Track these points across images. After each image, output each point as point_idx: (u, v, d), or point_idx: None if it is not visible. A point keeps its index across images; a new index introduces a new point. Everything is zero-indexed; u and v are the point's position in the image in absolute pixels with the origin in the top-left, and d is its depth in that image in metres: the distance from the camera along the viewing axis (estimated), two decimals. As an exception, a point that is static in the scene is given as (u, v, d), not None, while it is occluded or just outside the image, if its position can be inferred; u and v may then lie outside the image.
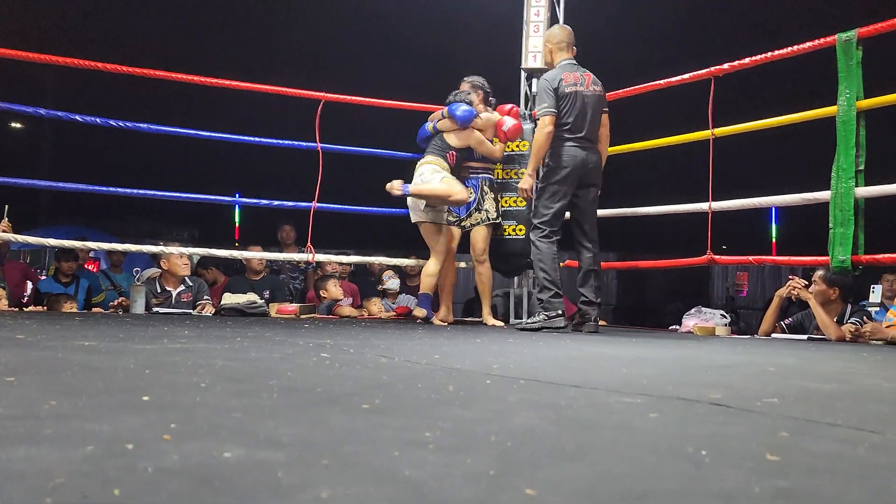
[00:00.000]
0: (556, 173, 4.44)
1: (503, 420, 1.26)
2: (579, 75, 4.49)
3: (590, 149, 4.47)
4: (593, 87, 4.52)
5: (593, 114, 4.48)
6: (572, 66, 4.55)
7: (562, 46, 4.61)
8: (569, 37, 4.64)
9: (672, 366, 2.43)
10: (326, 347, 2.57)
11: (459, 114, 4.87)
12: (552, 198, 4.44)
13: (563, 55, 4.59)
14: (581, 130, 4.43)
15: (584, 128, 4.43)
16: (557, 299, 4.37)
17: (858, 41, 4.02)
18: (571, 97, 4.42)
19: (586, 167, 4.44)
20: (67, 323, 3.48)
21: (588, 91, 4.47)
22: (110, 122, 5.12)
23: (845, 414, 1.42)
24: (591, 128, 4.48)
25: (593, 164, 4.48)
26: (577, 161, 4.41)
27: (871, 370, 2.49)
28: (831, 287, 4.61)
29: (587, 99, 4.46)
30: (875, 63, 4.10)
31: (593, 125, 4.49)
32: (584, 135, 4.44)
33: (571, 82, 4.45)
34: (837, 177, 4.03)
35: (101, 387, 1.47)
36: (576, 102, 4.42)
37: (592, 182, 4.52)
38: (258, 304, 5.13)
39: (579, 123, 4.42)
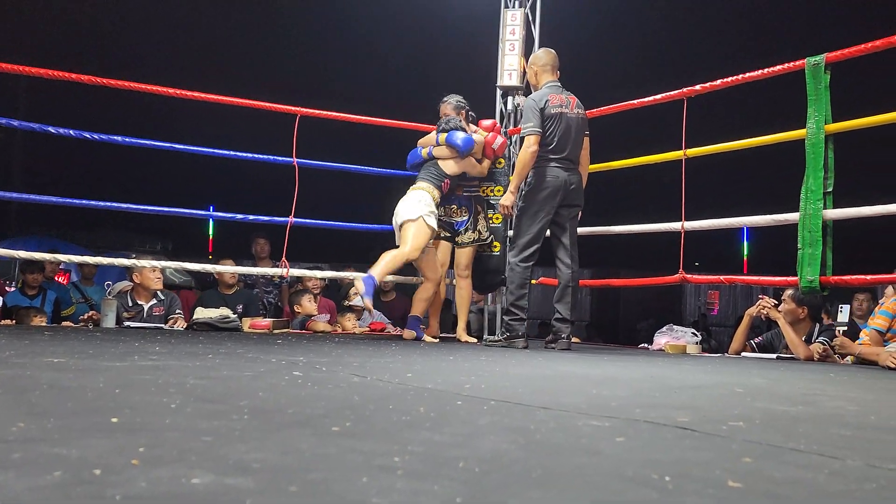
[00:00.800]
0: (539, 193, 4.51)
1: (472, 444, 1.27)
2: (564, 98, 4.58)
3: (571, 170, 4.56)
4: (577, 110, 4.62)
5: (576, 136, 4.59)
6: (557, 88, 4.63)
7: (546, 69, 4.68)
8: (553, 60, 4.71)
9: (642, 386, 2.46)
10: (299, 365, 2.57)
11: (461, 144, 4.94)
12: (534, 217, 4.51)
13: (547, 77, 4.66)
14: (564, 151, 4.52)
15: (567, 149, 4.52)
16: (519, 324, 4.52)
17: (827, 65, 4.09)
18: (556, 118, 4.50)
19: (568, 188, 4.52)
20: (36, 338, 3.45)
21: (572, 114, 4.57)
22: (84, 135, 5.08)
23: (808, 439, 1.45)
24: (574, 150, 4.57)
25: (575, 184, 4.57)
26: (559, 182, 4.49)
27: (837, 391, 2.53)
28: (800, 306, 4.68)
29: (571, 121, 4.55)
30: (844, 87, 4.18)
31: (576, 147, 4.59)
32: (567, 156, 4.53)
33: (557, 104, 4.53)
34: (806, 198, 4.09)
35: (70, 407, 1.47)
36: (560, 124, 4.51)
37: (574, 202, 4.61)
38: (231, 319, 5.10)
39: (563, 145, 4.51)
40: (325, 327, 5.70)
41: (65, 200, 5.20)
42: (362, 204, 5.61)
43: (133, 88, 5.25)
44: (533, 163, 4.49)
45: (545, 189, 4.50)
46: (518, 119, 6.03)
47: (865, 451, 1.37)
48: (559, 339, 4.51)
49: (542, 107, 4.49)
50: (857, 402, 2.20)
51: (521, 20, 5.95)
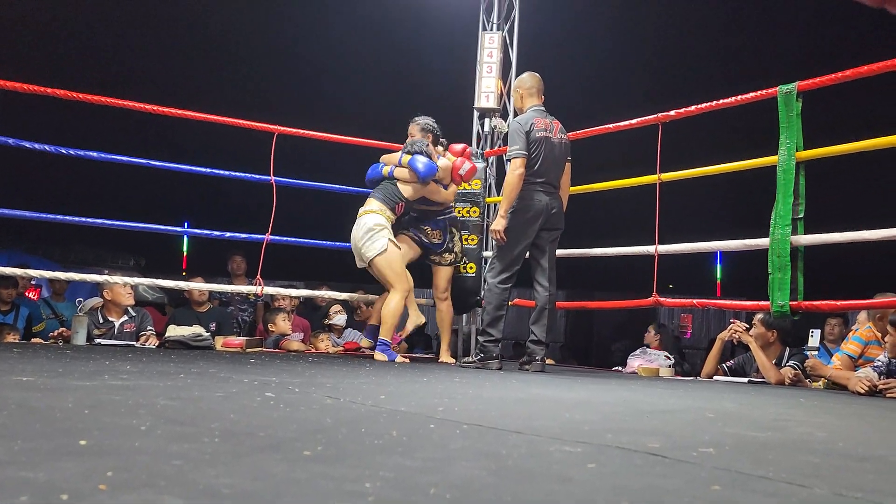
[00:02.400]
0: (521, 216, 4.53)
1: (444, 470, 1.27)
2: (549, 122, 4.62)
3: (553, 194, 4.59)
4: (560, 135, 4.65)
5: (559, 160, 4.63)
6: (542, 112, 4.66)
7: (532, 92, 4.71)
8: (539, 84, 4.74)
9: (614, 410, 2.47)
10: (271, 386, 2.55)
11: (422, 170, 4.88)
12: (515, 240, 4.53)
13: (532, 101, 4.70)
14: (546, 176, 4.55)
15: (549, 173, 4.57)
16: (494, 345, 4.54)
17: (798, 93, 4.16)
18: (541, 142, 4.53)
19: (549, 212, 4.55)
20: (5, 355, 3.40)
21: (556, 138, 4.61)
22: (61, 150, 5.05)
23: (776, 466, 1.46)
24: (556, 174, 4.62)
25: (556, 208, 4.60)
26: (541, 205, 4.52)
27: (806, 417, 2.56)
28: (770, 330, 4.73)
29: (555, 146, 4.59)
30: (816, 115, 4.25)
31: (558, 171, 4.63)
32: (549, 180, 4.57)
33: (542, 128, 4.56)
34: (775, 223, 4.14)
35: (38, 429, 1.45)
36: (544, 148, 4.53)
37: (555, 226, 4.64)
38: (204, 337, 5.06)
39: (546, 169, 4.54)
40: (299, 346, 5.67)
41: (36, 215, 5.16)
42: (338, 222, 5.60)
43: (109, 104, 5.22)
44: (520, 185, 4.50)
45: (528, 212, 4.52)
46: (495, 141, 6.07)
47: (833, 479, 1.39)
48: (533, 361, 4.52)
49: (528, 130, 4.51)
50: (826, 428, 2.23)
51: (498, 43, 6.00)
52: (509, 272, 4.56)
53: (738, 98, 4.51)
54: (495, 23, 6.15)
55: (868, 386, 3.69)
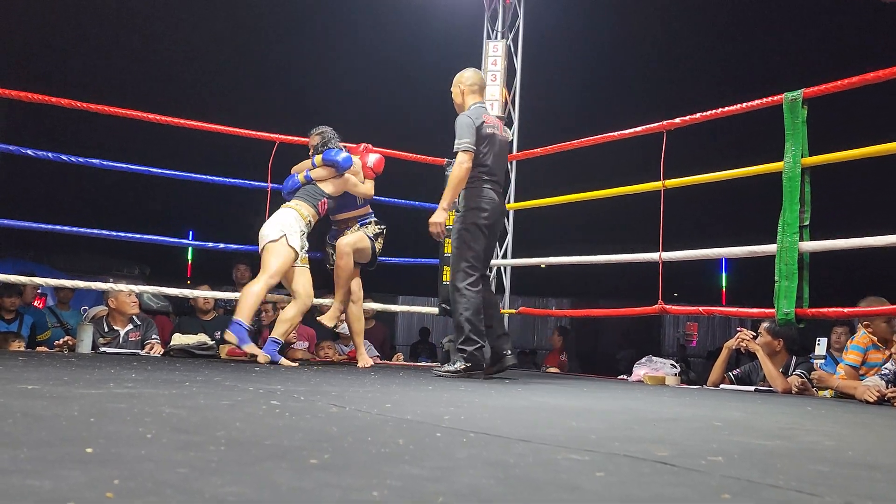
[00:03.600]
0: (479, 214, 4.30)
1: (451, 479, 1.26)
2: (493, 119, 4.48)
3: (501, 194, 4.45)
4: (504, 133, 4.53)
5: (505, 158, 4.54)
6: (485, 109, 4.52)
7: (474, 89, 4.52)
8: (481, 80, 4.60)
9: (620, 419, 2.46)
10: (277, 394, 2.55)
11: (341, 160, 4.92)
12: (477, 240, 4.30)
13: (475, 98, 4.51)
14: (497, 174, 4.40)
15: (499, 171, 4.42)
16: (481, 352, 4.23)
17: (804, 101, 4.15)
18: (490, 139, 4.34)
19: (501, 209, 4.43)
20: (10, 363, 3.40)
21: (501, 136, 4.46)
22: (62, 158, 5.06)
23: (786, 475, 1.45)
24: (503, 172, 4.52)
25: (504, 207, 4.53)
26: (495, 204, 4.35)
27: (814, 426, 2.54)
28: (776, 338, 4.71)
29: (501, 144, 4.44)
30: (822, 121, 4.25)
31: (504, 169, 4.56)
32: (499, 179, 4.41)
33: (491, 124, 4.40)
34: (783, 231, 4.13)
35: (44, 437, 1.44)
36: (494, 145, 4.36)
37: (501, 224, 4.56)
38: (208, 346, 5.07)
39: (496, 167, 4.38)
40: (304, 355, 5.67)
41: (42, 226, 5.17)
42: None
43: (113, 113, 5.23)
44: (466, 179, 4.29)
45: (486, 210, 4.30)
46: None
47: (843, 487, 1.37)
48: (505, 356, 4.30)
49: (478, 125, 4.30)
50: (834, 437, 2.21)
51: (502, 51, 6.01)
52: (477, 271, 4.29)
53: (743, 105, 4.50)
54: (500, 31, 6.16)
55: (876, 394, 3.67)
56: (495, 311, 4.45)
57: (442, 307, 5.57)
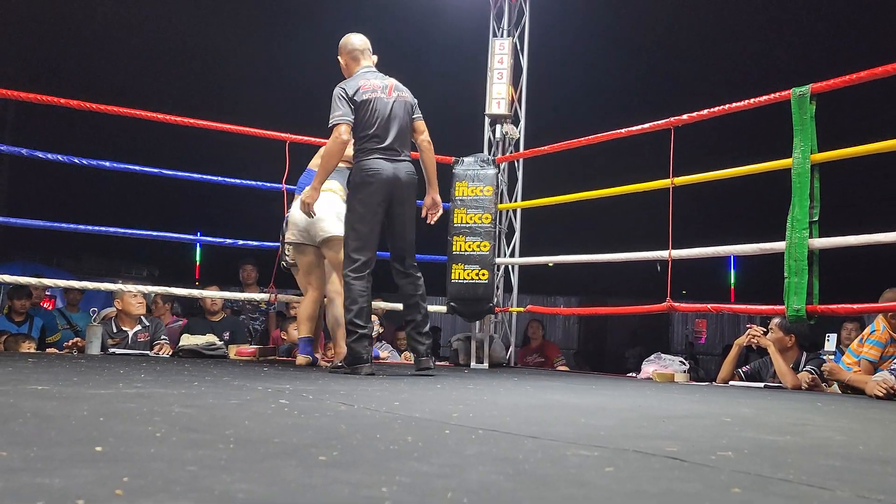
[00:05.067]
0: (362, 190, 4.00)
1: (460, 475, 1.26)
2: (379, 83, 4.11)
3: (399, 160, 4.05)
4: (397, 93, 4.13)
5: (401, 122, 4.08)
6: (372, 73, 4.18)
7: (356, 55, 4.23)
8: (364, 44, 4.26)
9: (630, 415, 2.45)
10: (285, 393, 2.55)
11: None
12: (362, 220, 3.99)
13: (359, 64, 4.22)
14: (385, 140, 4.02)
15: (388, 137, 4.03)
16: (359, 344, 3.89)
17: (812, 96, 4.13)
18: (369, 104, 4.02)
19: (397, 181, 4.01)
20: (20, 365, 3.41)
21: (390, 98, 4.08)
22: (74, 160, 5.08)
23: (796, 469, 1.44)
24: (400, 137, 4.07)
25: (405, 175, 4.05)
26: (384, 175, 3.98)
27: (824, 421, 2.53)
28: (787, 335, 4.69)
29: (390, 106, 4.07)
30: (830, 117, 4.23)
31: (401, 134, 4.08)
32: (390, 144, 4.03)
33: (369, 89, 4.06)
34: (792, 227, 4.11)
35: (54, 436, 1.45)
36: (376, 110, 4.03)
37: (406, 197, 4.07)
38: (217, 346, 5.08)
39: (382, 133, 4.02)
40: (313, 354, 5.66)
41: (50, 224, 5.20)
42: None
43: (121, 113, 5.25)
44: (341, 154, 4.03)
45: (369, 185, 3.97)
46: (506, 147, 6.06)
47: (854, 481, 1.37)
48: (420, 360, 4.02)
49: (352, 95, 4.00)
50: (845, 432, 2.20)
51: (509, 49, 6.00)
52: (362, 257, 3.94)
53: (750, 101, 4.48)
54: (506, 29, 6.15)
55: (886, 389, 3.65)
56: (413, 307, 4.09)
57: (450, 305, 5.56)
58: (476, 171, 5.60)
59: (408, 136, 4.15)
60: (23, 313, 5.87)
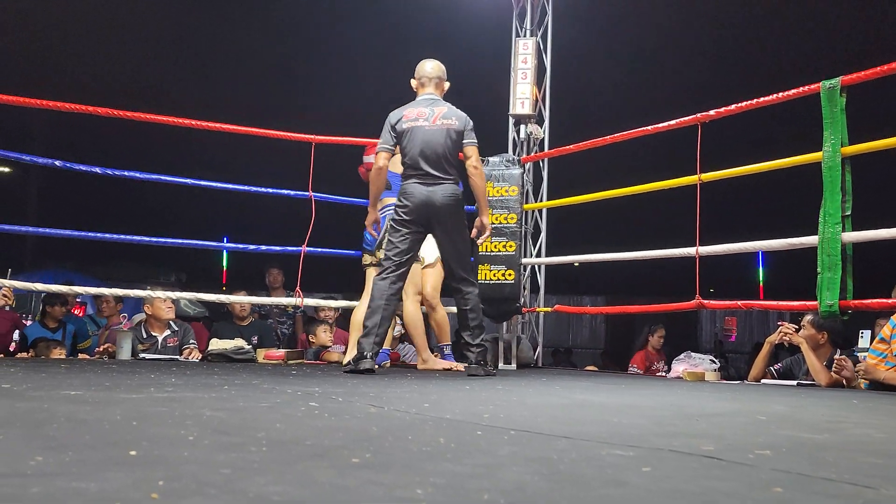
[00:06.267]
0: (398, 212, 4.29)
1: (495, 475, 1.24)
2: (426, 111, 4.33)
3: (437, 184, 4.24)
4: (442, 120, 4.30)
5: (441, 149, 4.26)
6: (425, 101, 4.40)
7: (423, 82, 4.47)
8: (433, 71, 4.47)
9: (662, 414, 2.42)
10: (315, 396, 2.55)
11: None
12: (395, 235, 4.26)
13: (424, 90, 4.46)
14: (422, 166, 4.24)
15: (425, 163, 4.24)
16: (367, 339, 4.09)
17: (842, 88, 4.07)
18: (409, 133, 4.27)
19: (431, 204, 4.22)
20: (53, 370, 3.44)
21: (433, 126, 4.29)
22: (108, 172, 5.16)
23: (838, 467, 1.41)
24: (438, 163, 4.25)
25: (441, 198, 4.23)
26: (417, 198, 4.22)
27: (861, 418, 2.49)
28: (820, 331, 4.63)
29: (430, 134, 4.27)
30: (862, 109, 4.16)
31: (440, 160, 4.26)
32: (427, 170, 4.24)
33: (413, 117, 4.30)
34: (824, 222, 4.05)
35: (88, 440, 1.45)
36: (415, 137, 4.26)
37: (444, 218, 4.26)
38: (245, 350, 5.09)
39: (420, 159, 4.25)
40: (341, 357, 5.67)
41: (80, 234, 5.26)
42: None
43: (148, 120, 5.30)
44: (379, 179, 4.34)
45: (404, 206, 4.25)
46: (531, 147, 6.04)
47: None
48: (469, 366, 4.22)
49: (394, 124, 4.31)
50: (884, 429, 2.16)
51: (532, 49, 5.98)
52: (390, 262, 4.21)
53: (779, 95, 4.42)
54: (529, 29, 6.13)
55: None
56: (462, 319, 4.29)
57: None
58: (501, 171, 5.59)
59: (451, 162, 4.33)
60: (58, 320, 5.94)
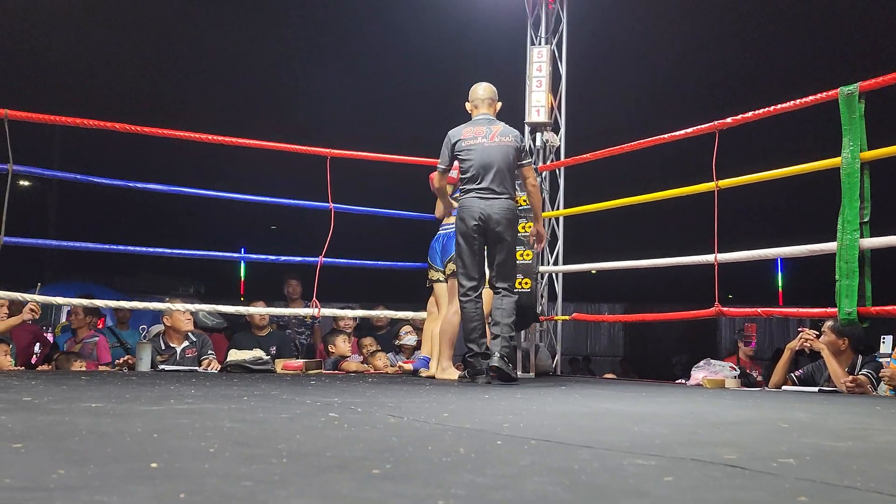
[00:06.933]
0: (458, 225, 4.53)
1: (516, 486, 1.24)
2: (485, 129, 4.57)
3: (492, 199, 4.46)
4: (500, 138, 4.55)
5: (499, 165, 4.49)
6: (482, 120, 4.63)
7: (476, 104, 4.70)
8: (485, 93, 4.69)
9: (684, 422, 2.41)
10: (334, 406, 2.55)
11: None
12: (460, 250, 4.51)
13: (478, 111, 4.69)
14: (481, 181, 4.48)
15: (484, 178, 4.47)
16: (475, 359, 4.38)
17: (860, 94, 4.05)
18: (468, 151, 4.53)
19: (489, 217, 4.44)
20: (74, 383, 3.46)
21: (491, 143, 4.53)
22: (128, 185, 5.22)
23: (863, 476, 1.40)
24: (497, 178, 4.48)
25: (498, 212, 4.45)
26: (475, 211, 4.44)
27: (886, 426, 2.46)
28: (841, 338, 4.58)
29: (489, 150, 4.51)
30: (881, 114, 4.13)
31: (499, 175, 4.49)
32: (486, 185, 4.47)
33: (472, 136, 4.56)
34: (843, 228, 4.02)
35: (110, 453, 1.46)
36: (476, 154, 4.51)
37: (501, 231, 4.46)
38: (264, 360, 5.11)
39: (480, 175, 4.48)
40: (359, 367, 5.68)
41: (100, 246, 5.31)
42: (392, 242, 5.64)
43: (165, 135, 5.34)
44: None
45: (462, 220, 4.49)
46: (547, 155, 6.04)
47: (924, 488, 1.32)
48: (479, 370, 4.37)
49: (453, 143, 4.57)
50: (909, 437, 2.14)
51: (547, 57, 5.98)
52: (466, 284, 4.47)
53: (797, 102, 4.39)
54: (543, 37, 6.13)
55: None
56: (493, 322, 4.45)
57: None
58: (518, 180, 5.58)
59: (507, 177, 4.54)
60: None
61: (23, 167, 4.83)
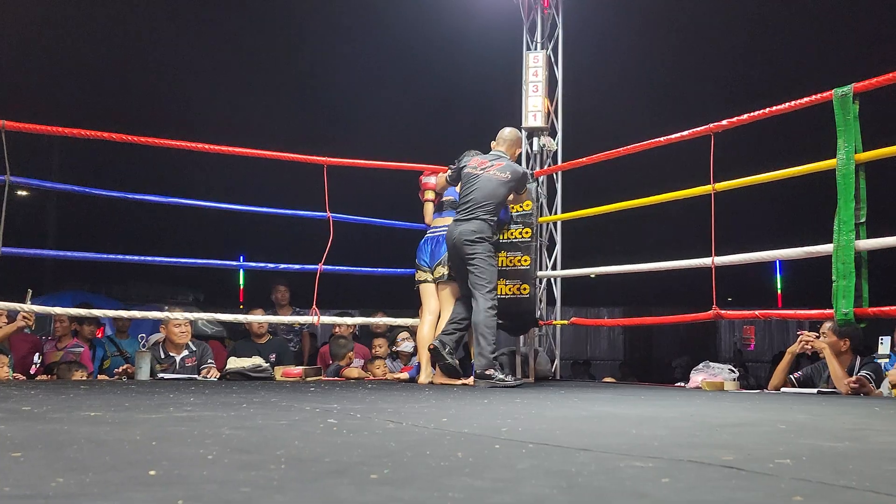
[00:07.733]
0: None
1: (514, 489, 1.24)
2: (488, 162, 4.97)
3: (465, 221, 4.85)
4: (497, 172, 4.92)
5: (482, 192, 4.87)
6: (491, 155, 5.04)
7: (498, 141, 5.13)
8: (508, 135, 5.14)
9: (682, 425, 2.41)
10: (333, 412, 2.55)
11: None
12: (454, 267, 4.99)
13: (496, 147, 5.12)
14: (461, 206, 4.93)
15: (465, 203, 4.89)
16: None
17: (855, 95, 4.06)
18: (467, 177, 4.96)
19: (457, 239, 4.83)
20: (73, 392, 3.47)
21: (485, 174, 4.91)
22: (127, 196, 5.23)
23: (859, 476, 1.40)
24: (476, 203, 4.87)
25: (461, 234, 4.83)
26: (449, 235, 4.91)
27: (884, 426, 2.47)
28: (841, 339, 4.58)
29: (479, 181, 4.90)
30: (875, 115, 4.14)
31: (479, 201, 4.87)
32: (464, 208, 4.89)
33: (475, 165, 4.97)
34: (839, 229, 4.02)
35: (108, 461, 1.46)
36: (468, 183, 4.93)
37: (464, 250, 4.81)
38: (263, 368, 5.11)
39: (464, 201, 4.91)
40: (360, 373, 5.68)
41: (98, 256, 5.30)
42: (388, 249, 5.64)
43: (161, 145, 5.35)
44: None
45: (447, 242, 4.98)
46: (544, 160, 6.05)
47: (921, 487, 1.32)
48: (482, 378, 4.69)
49: (462, 166, 5.04)
50: (906, 437, 2.14)
51: (543, 62, 6.00)
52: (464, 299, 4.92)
53: (791, 104, 4.40)
54: (539, 42, 6.15)
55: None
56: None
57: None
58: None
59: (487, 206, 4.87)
60: (87, 339, 6.01)
61: (20, 178, 4.84)
